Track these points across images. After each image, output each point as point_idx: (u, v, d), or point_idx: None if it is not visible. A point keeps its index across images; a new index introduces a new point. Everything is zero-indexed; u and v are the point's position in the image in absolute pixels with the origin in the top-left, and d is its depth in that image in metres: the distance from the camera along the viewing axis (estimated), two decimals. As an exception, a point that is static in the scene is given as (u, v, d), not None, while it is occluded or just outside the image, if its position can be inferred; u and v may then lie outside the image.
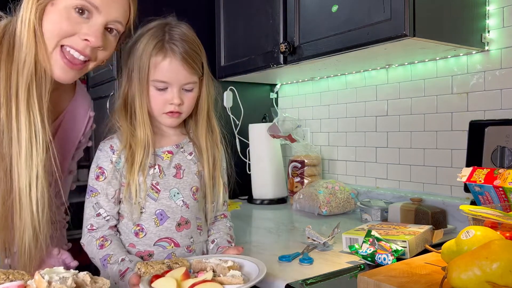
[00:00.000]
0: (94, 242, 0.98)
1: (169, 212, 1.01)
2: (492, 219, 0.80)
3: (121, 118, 1.02)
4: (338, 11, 1.26)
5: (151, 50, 0.97)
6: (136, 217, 1.00)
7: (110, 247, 0.97)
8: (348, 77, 1.73)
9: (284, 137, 1.80)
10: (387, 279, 0.72)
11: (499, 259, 0.61)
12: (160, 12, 1.13)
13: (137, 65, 0.98)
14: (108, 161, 1.00)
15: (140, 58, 0.98)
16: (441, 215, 1.27)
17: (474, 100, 1.30)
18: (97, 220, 1.00)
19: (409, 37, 1.08)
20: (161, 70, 0.97)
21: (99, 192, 1.00)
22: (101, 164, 1.01)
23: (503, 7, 1.23)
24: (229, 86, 1.93)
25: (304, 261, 1.00)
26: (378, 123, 1.61)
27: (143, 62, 0.97)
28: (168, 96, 0.99)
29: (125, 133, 1.00)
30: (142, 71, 0.98)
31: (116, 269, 0.92)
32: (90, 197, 1.00)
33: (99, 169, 1.00)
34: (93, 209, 1.00)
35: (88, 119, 1.09)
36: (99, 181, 1.00)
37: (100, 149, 1.02)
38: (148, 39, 0.98)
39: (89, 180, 1.02)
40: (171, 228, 1.02)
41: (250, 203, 1.86)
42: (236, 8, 1.74)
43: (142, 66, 0.98)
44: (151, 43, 0.97)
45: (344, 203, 1.58)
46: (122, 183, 1.00)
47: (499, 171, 0.97)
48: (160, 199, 1.01)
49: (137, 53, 0.99)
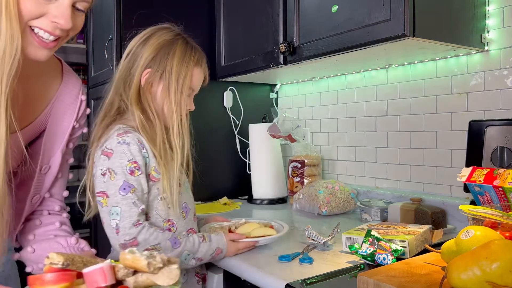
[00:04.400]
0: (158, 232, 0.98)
1: (190, 203, 1.10)
2: (492, 219, 0.80)
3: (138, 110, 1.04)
4: (338, 11, 1.26)
5: (194, 61, 1.08)
6: (173, 213, 1.04)
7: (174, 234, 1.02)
8: (348, 77, 1.73)
9: (284, 137, 1.80)
10: (387, 279, 0.72)
11: (499, 259, 0.61)
12: (159, 13, 1.14)
13: (177, 72, 1.05)
14: (140, 155, 0.99)
15: (181, 66, 1.06)
16: (441, 215, 1.27)
17: (474, 100, 1.30)
18: (143, 216, 0.99)
19: (409, 37, 1.08)
20: (197, 79, 1.10)
21: (136, 187, 0.98)
22: (135, 158, 0.98)
23: (503, 7, 1.23)
24: (229, 86, 1.93)
25: (304, 261, 1.00)
26: (378, 123, 1.61)
27: (185, 70, 1.07)
28: (188, 102, 1.10)
29: (158, 129, 1.04)
30: (182, 77, 1.06)
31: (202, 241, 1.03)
32: (128, 194, 0.96)
33: (134, 164, 0.98)
34: (134, 206, 0.97)
35: (79, 103, 1.02)
36: (134, 176, 0.98)
37: (127, 143, 0.99)
38: (185, 49, 1.08)
39: (118, 176, 0.97)
40: (192, 219, 1.11)
41: (250, 203, 1.86)
42: (236, 8, 1.74)
43: (182, 73, 1.06)
44: (192, 55, 1.08)
45: (344, 203, 1.58)
46: (154, 179, 1.02)
47: (499, 171, 0.97)
48: (183, 192, 1.08)
49: (175, 61, 1.05)
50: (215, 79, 1.86)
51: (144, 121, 1.04)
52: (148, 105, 1.06)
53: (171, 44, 1.07)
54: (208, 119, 1.90)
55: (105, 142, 1.01)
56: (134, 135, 1.01)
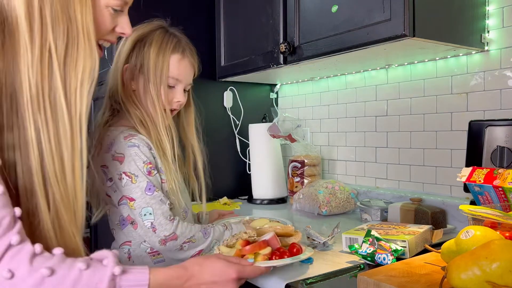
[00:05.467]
0: (190, 225, 1.01)
1: (188, 203, 1.10)
2: (492, 219, 0.80)
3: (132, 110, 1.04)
4: (338, 11, 1.26)
5: (171, 49, 1.03)
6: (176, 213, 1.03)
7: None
8: (348, 77, 1.73)
9: (284, 137, 1.80)
10: (387, 279, 0.72)
11: (499, 259, 0.61)
12: (159, 13, 1.14)
13: (153, 62, 1.02)
14: (151, 156, 1.00)
15: (157, 55, 1.02)
16: (441, 215, 1.27)
17: (474, 100, 1.30)
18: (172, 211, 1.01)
19: (409, 37, 1.08)
20: (178, 67, 1.04)
21: (157, 186, 0.99)
22: (149, 159, 0.99)
23: (503, 7, 1.23)
24: (229, 86, 1.93)
25: (304, 261, 0.99)
26: (378, 123, 1.61)
27: (162, 59, 1.02)
28: (175, 94, 1.05)
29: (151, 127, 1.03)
30: (159, 67, 1.02)
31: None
32: (154, 193, 0.98)
33: (149, 164, 0.99)
34: (163, 203, 0.98)
35: None
36: (152, 176, 0.99)
37: (137, 145, 0.99)
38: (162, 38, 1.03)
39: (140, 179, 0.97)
40: (191, 219, 1.11)
41: (250, 203, 1.86)
42: (236, 8, 1.74)
43: (159, 63, 1.02)
44: (169, 42, 1.03)
45: (344, 203, 1.58)
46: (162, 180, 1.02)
47: (499, 171, 0.97)
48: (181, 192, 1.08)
49: (151, 51, 1.02)
50: (215, 79, 1.86)
51: (141, 118, 1.03)
52: (138, 101, 1.05)
53: (148, 36, 1.04)
54: (208, 119, 1.89)
55: (111, 146, 1.00)
56: (139, 137, 1.01)
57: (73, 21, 0.73)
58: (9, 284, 0.62)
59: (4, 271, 0.61)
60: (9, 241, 0.63)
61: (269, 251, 0.88)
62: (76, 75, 0.74)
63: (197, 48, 1.15)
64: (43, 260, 0.64)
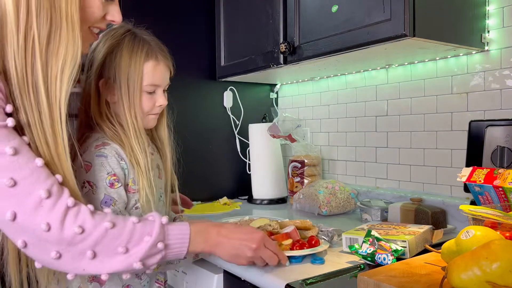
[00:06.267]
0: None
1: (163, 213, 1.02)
2: (492, 219, 0.80)
3: (105, 124, 1.00)
4: (338, 11, 1.26)
5: (143, 57, 0.99)
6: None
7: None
8: (348, 77, 1.73)
9: (284, 137, 1.80)
10: (387, 279, 0.72)
11: (499, 259, 0.61)
12: (159, 13, 1.13)
13: (125, 73, 0.99)
14: (119, 167, 0.97)
15: (129, 66, 0.99)
16: (441, 215, 1.27)
17: (474, 100, 1.30)
18: None
19: (409, 37, 1.08)
20: (153, 74, 1.01)
21: (117, 200, 0.95)
22: (114, 171, 0.96)
23: (503, 7, 1.23)
24: (229, 86, 1.93)
25: (316, 261, 0.99)
26: (378, 123, 1.61)
27: (135, 69, 0.99)
28: (157, 98, 1.03)
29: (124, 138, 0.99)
30: (133, 78, 0.99)
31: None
32: (110, 207, 0.93)
33: (113, 176, 0.95)
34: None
35: None
36: (114, 188, 0.95)
37: (105, 156, 0.96)
38: (132, 47, 1.00)
39: (99, 190, 0.94)
40: None
41: (250, 203, 1.86)
42: (236, 8, 1.74)
43: (133, 73, 0.99)
44: (139, 50, 1.00)
45: (344, 203, 1.58)
46: (131, 190, 0.98)
47: (499, 171, 0.97)
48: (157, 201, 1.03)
49: (122, 63, 0.99)
50: (215, 79, 1.86)
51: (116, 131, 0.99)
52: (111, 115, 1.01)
53: (117, 46, 1.00)
54: (208, 119, 1.90)
55: (83, 153, 0.97)
56: (111, 148, 0.97)
57: (57, 10, 0.76)
58: (80, 238, 0.74)
59: (75, 228, 0.73)
60: (66, 203, 0.74)
61: (290, 242, 1.01)
62: (57, 62, 0.77)
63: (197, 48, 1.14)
64: (102, 216, 0.78)
